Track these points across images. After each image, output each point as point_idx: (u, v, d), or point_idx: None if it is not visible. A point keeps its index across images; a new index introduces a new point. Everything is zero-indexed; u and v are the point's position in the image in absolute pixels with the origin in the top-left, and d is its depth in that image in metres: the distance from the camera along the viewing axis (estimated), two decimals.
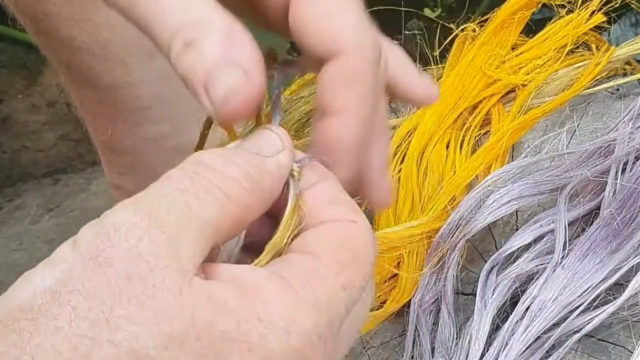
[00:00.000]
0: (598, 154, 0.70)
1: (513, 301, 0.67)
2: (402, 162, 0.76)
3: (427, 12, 1.58)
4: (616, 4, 0.80)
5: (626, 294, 0.65)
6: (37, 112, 1.73)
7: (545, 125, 0.78)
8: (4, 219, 1.55)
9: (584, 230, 0.68)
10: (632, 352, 0.65)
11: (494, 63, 0.80)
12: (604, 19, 0.80)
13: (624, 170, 0.70)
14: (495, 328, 0.66)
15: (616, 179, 0.69)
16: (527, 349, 0.64)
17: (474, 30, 0.81)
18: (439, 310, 0.69)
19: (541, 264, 0.67)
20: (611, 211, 0.67)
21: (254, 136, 0.47)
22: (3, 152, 1.69)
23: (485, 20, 0.82)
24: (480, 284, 0.67)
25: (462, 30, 0.82)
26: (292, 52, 0.81)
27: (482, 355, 0.65)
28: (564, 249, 0.67)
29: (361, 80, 0.49)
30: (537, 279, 0.66)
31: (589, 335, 0.65)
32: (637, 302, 0.66)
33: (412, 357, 0.68)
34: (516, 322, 0.65)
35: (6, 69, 1.79)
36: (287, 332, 0.42)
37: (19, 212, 1.56)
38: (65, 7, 0.91)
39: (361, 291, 0.45)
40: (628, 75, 0.81)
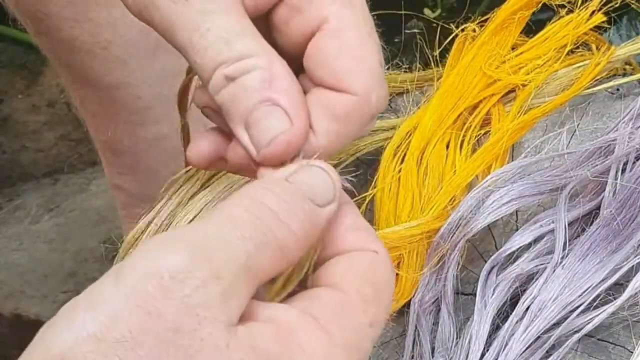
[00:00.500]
0: (598, 154, 0.70)
1: (513, 301, 0.67)
2: (402, 162, 0.76)
3: (427, 12, 1.58)
4: (616, 4, 0.80)
5: (626, 294, 0.65)
6: (37, 112, 1.73)
7: (545, 125, 0.78)
8: (4, 219, 1.55)
9: (584, 230, 0.68)
10: (632, 352, 0.65)
11: (494, 63, 0.80)
12: (604, 19, 0.80)
13: (624, 170, 0.70)
14: (495, 328, 0.66)
15: (616, 179, 0.69)
16: (527, 349, 0.64)
17: (474, 31, 0.81)
18: (439, 310, 0.69)
19: (541, 264, 0.67)
20: (611, 211, 0.67)
21: (306, 173, 0.47)
22: (3, 152, 1.69)
23: (485, 20, 0.82)
24: (480, 284, 0.67)
25: (462, 31, 0.82)
26: None
27: (482, 355, 0.65)
28: (564, 249, 0.67)
29: (350, 125, 0.50)
30: (537, 279, 0.66)
31: (589, 335, 0.65)
32: (637, 302, 0.66)
33: (412, 357, 0.68)
34: (516, 322, 0.65)
35: (6, 69, 1.79)
36: None
37: (19, 212, 1.56)
38: (66, 8, 0.91)
39: (384, 324, 0.46)
40: (628, 75, 0.81)
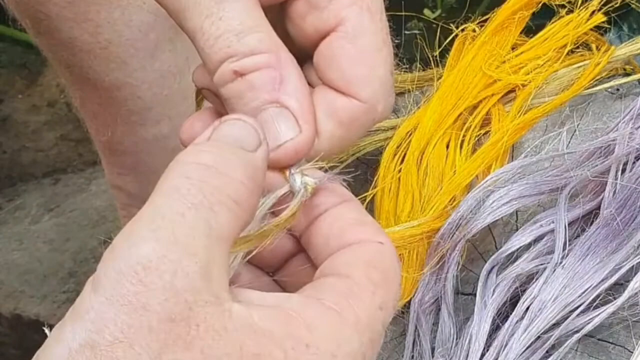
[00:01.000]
0: (598, 154, 0.70)
1: (513, 301, 0.67)
2: (402, 162, 0.76)
3: (426, 12, 1.58)
4: (616, 4, 0.80)
5: (626, 294, 0.65)
6: (37, 112, 1.73)
7: (545, 125, 0.78)
8: (4, 219, 1.55)
9: (584, 230, 0.68)
10: (632, 352, 0.65)
11: (494, 63, 0.80)
12: (604, 19, 0.80)
13: (624, 170, 0.70)
14: (495, 328, 0.66)
15: (616, 179, 0.69)
16: (527, 349, 0.64)
17: (474, 31, 0.81)
18: (439, 310, 0.69)
19: (541, 264, 0.67)
20: (611, 211, 0.67)
21: (227, 126, 0.46)
22: (3, 152, 1.69)
23: (485, 21, 0.82)
24: (480, 284, 0.67)
25: (462, 31, 0.82)
26: None
27: (482, 355, 0.65)
28: (564, 249, 0.67)
29: (352, 130, 0.50)
30: (537, 279, 0.66)
31: (589, 335, 0.65)
32: (637, 302, 0.66)
33: (412, 357, 0.68)
34: (516, 322, 0.65)
35: (6, 69, 1.79)
36: (333, 355, 0.42)
37: (19, 212, 1.56)
38: (66, 8, 0.91)
39: (393, 312, 0.45)
40: (628, 75, 0.81)
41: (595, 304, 0.65)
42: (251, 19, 0.48)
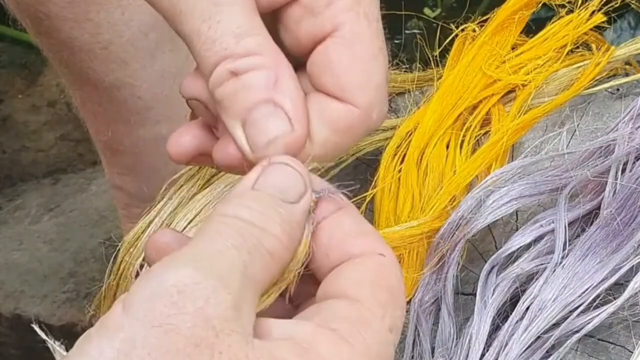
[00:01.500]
0: (598, 154, 0.70)
1: (513, 301, 0.67)
2: (402, 162, 0.76)
3: (427, 12, 1.58)
4: (616, 4, 0.80)
5: (626, 294, 0.65)
6: (37, 112, 1.73)
7: (545, 125, 0.78)
8: (4, 219, 1.55)
9: (584, 230, 0.68)
10: (632, 352, 0.65)
11: (494, 63, 0.80)
12: (604, 19, 0.80)
13: (624, 170, 0.70)
14: (495, 328, 0.66)
15: (616, 179, 0.69)
16: (527, 349, 0.64)
17: (474, 30, 0.81)
18: (439, 310, 0.69)
19: (541, 264, 0.67)
20: (611, 211, 0.67)
21: (272, 172, 0.46)
22: (3, 152, 1.69)
23: (485, 20, 0.82)
24: (480, 284, 0.67)
25: (462, 30, 0.82)
26: None
27: (482, 355, 0.65)
28: (564, 249, 0.67)
29: (346, 136, 0.49)
30: (537, 279, 0.66)
31: (589, 335, 0.65)
32: (637, 302, 0.66)
33: (412, 357, 0.68)
34: (516, 322, 0.65)
35: (6, 69, 1.79)
36: None
37: (19, 212, 1.56)
38: (66, 8, 0.91)
39: (401, 328, 0.45)
40: (628, 75, 0.81)
41: (595, 304, 0.65)
42: (249, 22, 0.48)
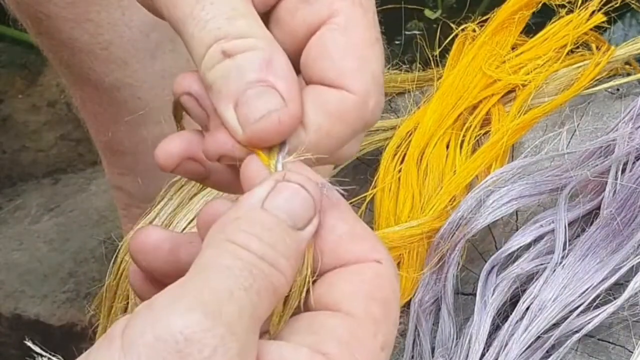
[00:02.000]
0: (598, 154, 0.70)
1: (513, 301, 0.67)
2: (402, 162, 0.76)
3: (427, 12, 1.58)
4: (616, 4, 0.80)
5: (626, 294, 0.65)
6: (37, 112, 1.73)
7: (545, 125, 0.78)
8: (4, 219, 1.55)
9: (584, 230, 0.68)
10: (632, 352, 0.65)
11: (494, 63, 0.80)
12: (604, 19, 0.80)
13: (624, 170, 0.70)
14: (495, 328, 0.66)
15: (616, 179, 0.69)
16: (527, 349, 0.65)
17: (474, 31, 0.81)
18: (439, 310, 0.69)
19: (541, 264, 0.67)
20: (611, 211, 0.67)
21: (285, 194, 0.45)
22: (3, 152, 1.69)
23: (485, 20, 0.82)
24: (480, 284, 0.67)
25: (462, 31, 0.82)
26: None
27: (482, 355, 0.65)
28: (564, 249, 0.67)
29: (343, 123, 0.48)
30: (537, 279, 0.66)
31: (589, 335, 0.65)
32: (637, 302, 0.66)
33: (412, 357, 0.68)
34: (516, 322, 0.65)
35: (6, 69, 1.79)
36: None
37: (19, 212, 1.56)
38: (66, 9, 0.91)
39: (393, 344, 0.45)
40: (628, 75, 0.81)
41: (595, 304, 0.65)
42: (243, 6, 0.48)
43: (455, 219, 0.69)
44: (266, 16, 0.51)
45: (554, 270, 0.66)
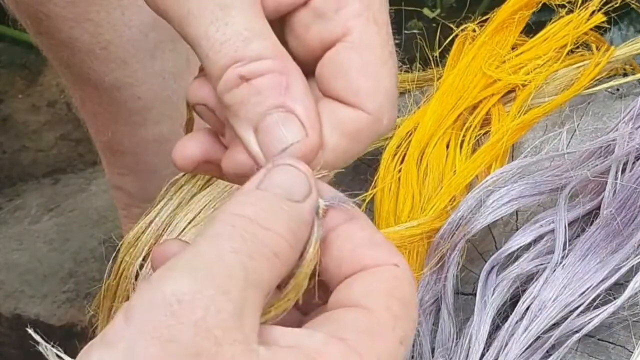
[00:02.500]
0: (598, 154, 0.70)
1: (513, 301, 0.67)
2: (402, 162, 0.76)
3: (426, 12, 1.58)
4: (616, 4, 0.80)
5: (626, 294, 0.65)
6: (37, 112, 1.73)
7: (545, 125, 0.78)
8: (4, 219, 1.55)
9: (584, 230, 0.68)
10: (632, 352, 0.65)
11: (494, 63, 0.80)
12: (604, 19, 0.80)
13: (624, 170, 0.70)
14: (495, 328, 0.66)
15: (616, 179, 0.69)
16: (527, 349, 0.65)
17: (474, 30, 0.81)
18: (439, 310, 0.69)
19: (541, 264, 0.67)
20: (611, 211, 0.67)
21: (277, 173, 0.46)
22: (3, 152, 1.69)
23: (485, 20, 0.82)
24: (480, 284, 0.67)
25: (462, 30, 0.82)
26: None
27: (482, 355, 0.65)
28: (564, 249, 0.67)
29: (356, 141, 0.49)
30: (537, 279, 0.66)
31: (589, 335, 0.65)
32: (637, 302, 0.66)
33: (412, 357, 0.68)
34: (516, 322, 0.65)
35: (6, 69, 1.79)
36: None
37: (19, 212, 1.56)
38: (66, 8, 0.91)
39: (412, 341, 0.45)
40: (628, 75, 0.81)
41: (595, 304, 0.65)
42: (257, 26, 0.48)
43: (455, 219, 0.69)
44: (279, 23, 0.51)
45: (554, 270, 0.66)
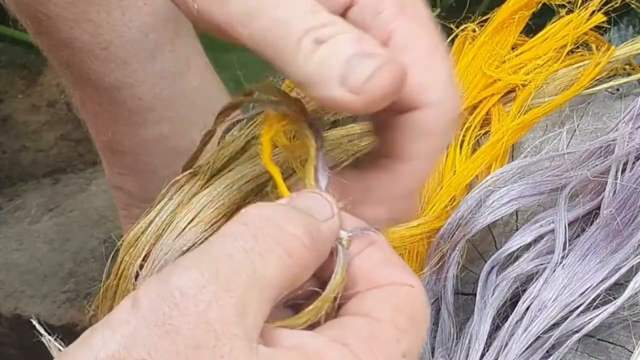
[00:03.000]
0: (598, 154, 0.70)
1: (513, 301, 0.67)
2: None
3: None
4: (616, 4, 0.80)
5: (626, 294, 0.65)
6: (37, 112, 1.73)
7: (545, 125, 0.78)
8: (4, 219, 1.55)
9: (584, 230, 0.68)
10: (632, 352, 0.65)
11: (494, 63, 0.80)
12: (604, 19, 0.80)
13: (624, 170, 0.70)
14: (495, 328, 0.66)
15: (616, 179, 0.69)
16: (527, 349, 0.65)
17: (474, 30, 0.81)
18: (439, 310, 0.69)
19: (541, 264, 0.67)
20: (611, 211, 0.67)
21: (302, 197, 0.47)
22: (3, 152, 1.69)
23: (485, 20, 0.82)
24: (480, 284, 0.67)
25: (462, 30, 0.82)
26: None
27: (482, 355, 0.65)
28: (564, 249, 0.67)
29: (438, 135, 0.50)
30: (537, 279, 0.66)
31: (589, 335, 0.65)
32: (637, 302, 0.66)
33: None
34: (516, 322, 0.65)
35: (6, 69, 1.79)
36: None
37: (19, 212, 1.56)
38: (66, 8, 0.91)
39: (419, 357, 0.45)
40: (628, 75, 0.81)
41: (595, 304, 0.65)
42: (318, 5, 0.49)
43: (455, 219, 0.69)
44: None
45: (554, 270, 0.66)
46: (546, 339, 0.65)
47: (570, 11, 0.80)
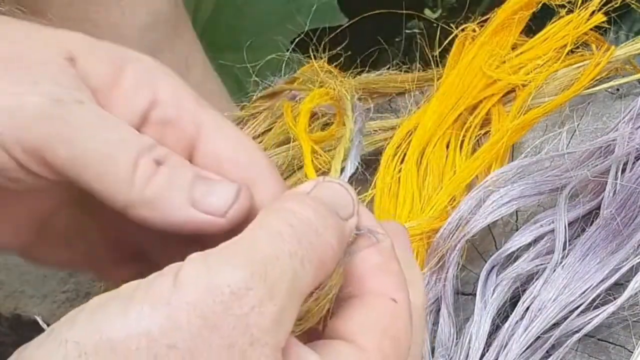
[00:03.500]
0: (598, 154, 0.70)
1: (513, 301, 0.67)
2: (402, 162, 0.76)
3: (427, 12, 1.58)
4: (616, 4, 0.80)
5: (626, 294, 0.65)
6: None
7: (545, 125, 0.78)
8: None
9: (584, 230, 0.68)
10: (632, 352, 0.65)
11: (494, 63, 0.80)
12: (604, 19, 0.80)
13: (624, 170, 0.70)
14: (495, 328, 0.66)
15: (616, 179, 0.69)
16: (527, 349, 0.64)
17: (474, 31, 0.81)
18: (439, 310, 0.69)
19: (541, 264, 0.67)
20: (611, 211, 0.67)
21: (328, 189, 0.47)
22: None
23: (485, 20, 0.82)
24: (480, 284, 0.67)
25: (462, 31, 0.82)
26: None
27: (482, 355, 0.65)
28: (564, 249, 0.67)
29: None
30: (537, 279, 0.66)
31: (589, 335, 0.65)
32: (637, 302, 0.66)
33: None
34: (516, 322, 0.65)
35: None
36: None
37: None
38: (65, 8, 0.91)
39: None
40: (628, 75, 0.81)
41: (595, 304, 0.65)
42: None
43: (455, 219, 0.69)
44: None
45: (554, 270, 0.66)
46: (546, 339, 0.65)
47: (570, 11, 0.80)
